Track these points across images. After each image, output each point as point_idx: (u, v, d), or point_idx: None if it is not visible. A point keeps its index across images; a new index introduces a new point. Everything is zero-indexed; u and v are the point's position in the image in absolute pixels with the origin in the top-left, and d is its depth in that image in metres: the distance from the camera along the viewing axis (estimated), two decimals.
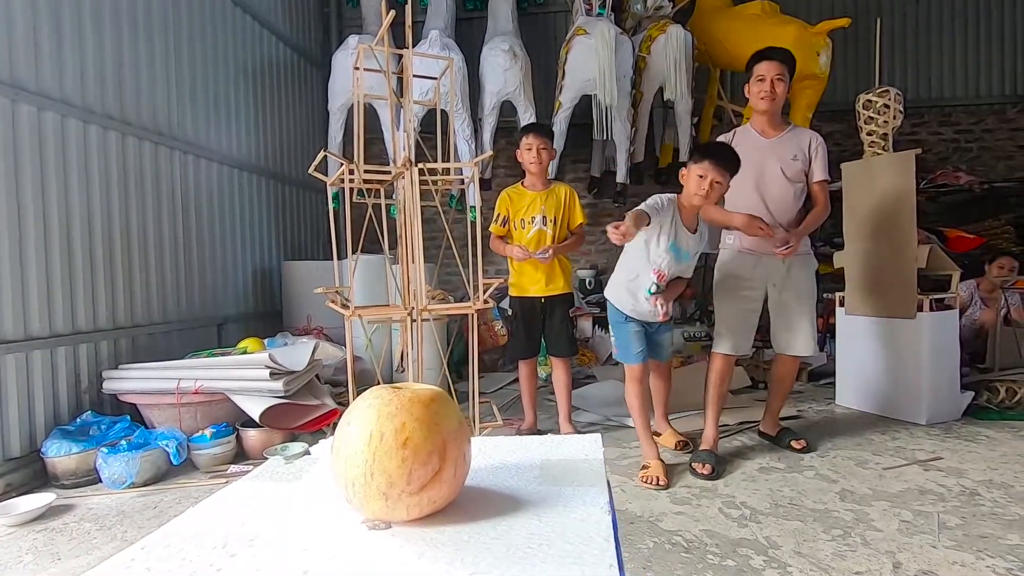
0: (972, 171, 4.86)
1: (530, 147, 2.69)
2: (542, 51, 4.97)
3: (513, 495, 0.62)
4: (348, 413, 0.58)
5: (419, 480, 0.53)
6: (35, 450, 2.39)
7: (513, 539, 0.52)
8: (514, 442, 0.79)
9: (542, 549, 0.50)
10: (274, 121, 4.46)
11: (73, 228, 2.62)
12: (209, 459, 2.52)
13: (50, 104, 2.50)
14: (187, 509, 2.01)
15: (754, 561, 1.63)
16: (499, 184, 5.31)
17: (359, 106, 2.57)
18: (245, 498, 0.64)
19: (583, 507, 0.57)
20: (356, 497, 0.55)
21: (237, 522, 0.58)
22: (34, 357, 2.42)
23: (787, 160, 2.40)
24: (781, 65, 2.37)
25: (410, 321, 2.52)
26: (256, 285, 4.14)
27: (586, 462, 0.70)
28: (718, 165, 2.10)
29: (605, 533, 0.50)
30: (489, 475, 0.69)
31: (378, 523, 0.56)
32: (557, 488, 0.63)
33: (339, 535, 0.55)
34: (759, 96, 2.39)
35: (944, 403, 2.87)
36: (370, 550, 0.51)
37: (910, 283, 2.82)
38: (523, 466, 0.71)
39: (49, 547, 1.86)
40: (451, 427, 0.57)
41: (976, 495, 2.01)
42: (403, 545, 0.52)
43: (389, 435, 0.53)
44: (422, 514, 0.56)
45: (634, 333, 2.36)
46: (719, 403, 2.47)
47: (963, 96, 5.29)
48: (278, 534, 0.55)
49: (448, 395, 0.61)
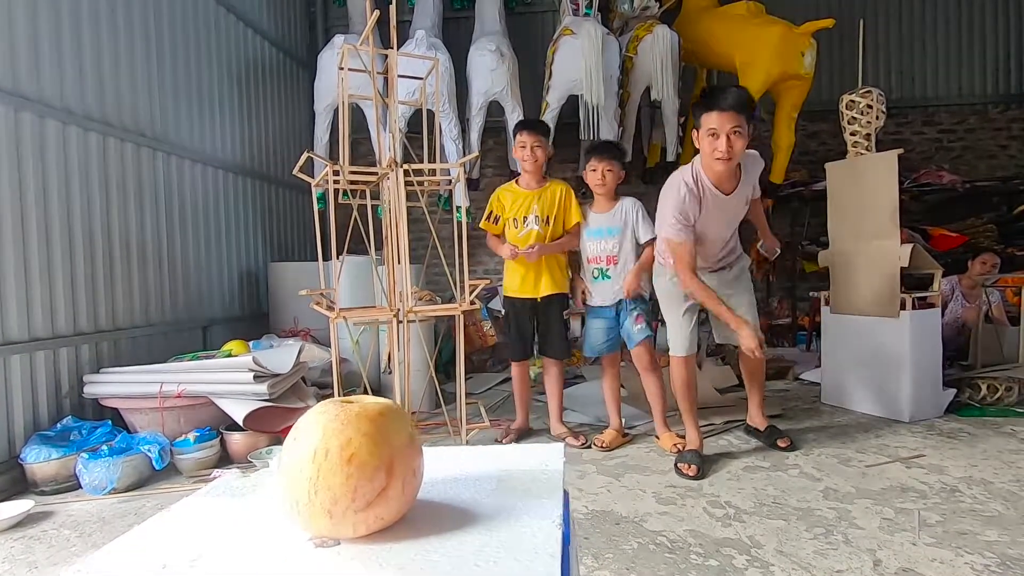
0: (955, 170, 4.92)
1: (524, 144, 2.65)
2: (529, 51, 4.96)
3: (467, 509, 0.62)
4: (295, 428, 0.57)
5: (365, 497, 0.52)
6: (14, 456, 2.35)
7: (462, 555, 0.51)
8: (473, 452, 0.79)
9: (488, 567, 0.49)
10: (260, 122, 4.42)
11: (53, 231, 2.59)
12: (192, 463, 2.49)
13: (27, 105, 2.47)
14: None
15: (737, 561, 1.64)
16: (487, 184, 5.30)
17: (344, 106, 2.56)
18: (192, 515, 0.63)
19: (535, 520, 0.57)
20: (301, 515, 0.54)
21: (180, 540, 0.57)
22: (12, 361, 2.38)
23: (742, 208, 2.39)
24: (738, 116, 2.03)
25: (396, 323, 2.51)
26: (242, 287, 4.11)
27: (544, 473, 0.69)
28: (601, 156, 2.61)
29: (552, 549, 0.50)
30: (445, 488, 0.68)
31: (326, 540, 0.56)
32: (512, 501, 0.63)
33: (285, 553, 0.54)
34: (714, 156, 2.08)
35: (927, 400, 2.89)
36: (315, 569, 0.51)
37: (893, 282, 2.85)
38: (481, 477, 0.70)
39: (26, 555, 1.83)
40: (400, 442, 0.56)
41: (956, 491, 2.03)
42: (349, 562, 0.51)
43: (334, 451, 0.53)
44: (369, 531, 0.55)
45: (595, 329, 2.71)
46: (692, 404, 2.48)
47: (946, 96, 5.35)
48: (222, 553, 0.54)
49: (399, 409, 0.60)
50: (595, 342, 2.71)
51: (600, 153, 2.64)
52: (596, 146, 2.77)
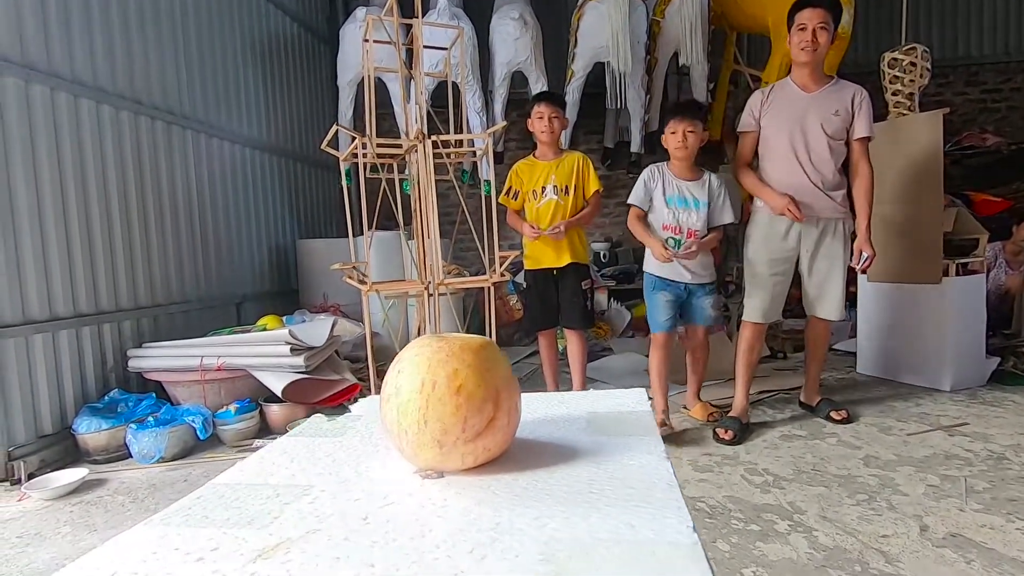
0: (999, 132, 4.70)
1: (541, 116, 2.61)
2: (553, 18, 4.84)
3: (564, 445, 0.61)
4: (396, 363, 0.57)
5: (474, 428, 0.52)
6: (66, 427, 2.45)
7: (573, 485, 0.51)
8: (557, 396, 0.78)
9: (605, 493, 0.48)
10: (284, 99, 4.43)
11: (92, 210, 2.64)
12: (234, 434, 2.56)
13: (63, 84, 2.50)
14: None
15: (779, 526, 1.63)
16: (511, 158, 5.24)
17: (370, 79, 2.53)
18: (291, 453, 0.63)
19: (640, 455, 0.56)
20: (409, 446, 0.54)
21: (287, 473, 0.57)
22: (60, 337, 2.46)
23: (828, 116, 2.28)
24: (825, 12, 2.21)
25: (427, 295, 2.52)
26: (272, 264, 4.17)
27: (634, 414, 0.69)
28: (682, 116, 2.38)
29: (668, 478, 0.49)
30: (536, 427, 0.67)
31: (431, 473, 0.56)
32: (607, 438, 0.62)
33: (392, 484, 0.54)
34: (799, 47, 2.26)
35: (969, 369, 2.82)
36: (426, 497, 0.51)
37: (936, 247, 2.75)
38: (569, 418, 0.69)
39: (85, 519, 1.91)
40: (502, 375, 0.56)
41: (1004, 459, 1.99)
42: (460, 493, 0.51)
43: (442, 382, 0.52)
44: (476, 463, 0.55)
45: (663, 302, 2.48)
46: (749, 372, 2.45)
47: (991, 54, 5.09)
48: (330, 484, 0.54)
49: (496, 345, 0.60)
50: (660, 317, 2.49)
51: (681, 113, 2.44)
52: (676, 106, 2.70)
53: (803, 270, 2.43)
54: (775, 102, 2.37)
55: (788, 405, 2.72)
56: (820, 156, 2.31)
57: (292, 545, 0.42)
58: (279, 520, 0.47)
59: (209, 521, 0.47)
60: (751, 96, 2.48)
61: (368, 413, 0.78)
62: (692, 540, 0.36)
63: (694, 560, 0.33)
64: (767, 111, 2.38)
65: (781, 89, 2.39)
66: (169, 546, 0.44)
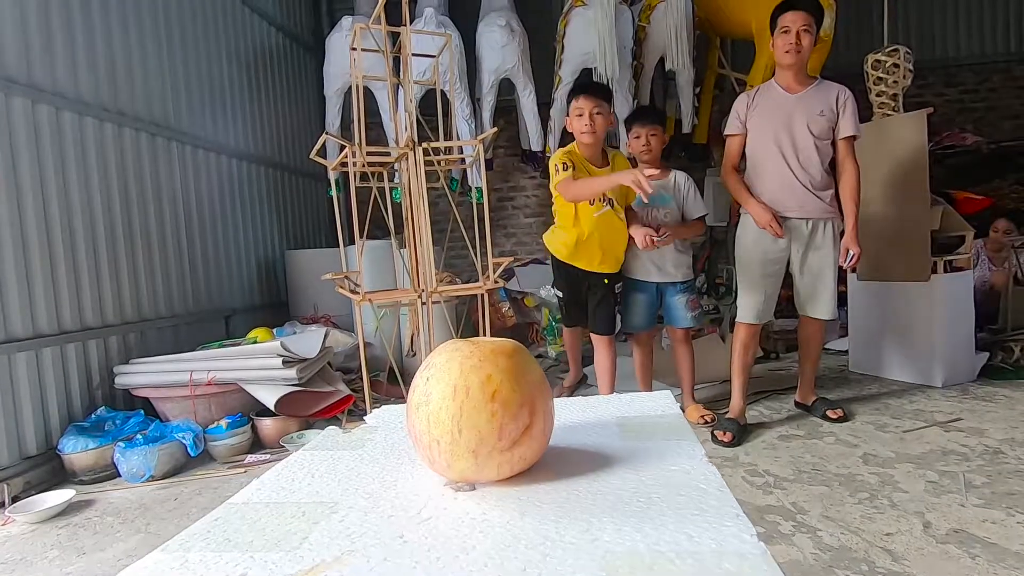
0: (978, 131, 4.80)
1: (580, 111, 2.28)
2: (540, 25, 4.85)
3: (598, 452, 0.58)
4: (424, 369, 0.53)
5: (510, 436, 0.49)
6: (51, 447, 2.37)
7: (617, 493, 0.48)
8: (584, 402, 0.76)
9: (654, 502, 0.45)
10: (270, 109, 4.38)
11: (75, 223, 2.58)
12: (226, 450, 2.51)
13: (44, 97, 2.44)
14: (209, 500, 1.96)
15: (783, 527, 1.63)
16: (500, 165, 5.25)
17: (358, 88, 2.51)
18: (310, 468, 0.60)
19: (681, 460, 0.53)
20: (441, 456, 0.50)
21: (310, 490, 0.54)
22: (44, 355, 2.39)
23: (814, 116, 2.30)
24: (807, 15, 2.25)
25: (420, 304, 2.49)
26: (261, 276, 4.11)
27: (665, 417, 0.66)
28: (644, 122, 2.48)
29: (717, 484, 0.47)
30: (567, 434, 0.64)
31: (462, 485, 0.53)
32: (642, 443, 0.59)
33: (424, 498, 0.51)
34: (783, 50, 2.28)
35: (960, 365, 2.86)
36: (463, 511, 0.48)
37: (923, 245, 2.79)
38: (600, 424, 0.67)
39: (73, 542, 1.85)
40: (536, 379, 0.53)
41: (1000, 453, 2.01)
42: (497, 505, 0.48)
43: (475, 388, 0.49)
44: (512, 472, 0.52)
45: (637, 303, 2.57)
46: (745, 373, 2.45)
47: (968, 55, 5.20)
48: (358, 500, 0.51)
49: (525, 348, 0.58)
50: (637, 319, 2.57)
51: (642, 119, 2.51)
52: (636, 112, 2.69)
53: (794, 270, 2.44)
54: (760, 104, 2.39)
55: (784, 405, 2.73)
56: (807, 156, 2.33)
57: (328, 569, 0.40)
58: (308, 541, 0.44)
59: (232, 544, 0.45)
60: (736, 99, 2.50)
61: (384, 423, 0.75)
62: (760, 550, 0.34)
63: (767, 571, 0.32)
64: (753, 114, 2.40)
65: (766, 91, 2.41)
66: (192, 574, 0.41)
